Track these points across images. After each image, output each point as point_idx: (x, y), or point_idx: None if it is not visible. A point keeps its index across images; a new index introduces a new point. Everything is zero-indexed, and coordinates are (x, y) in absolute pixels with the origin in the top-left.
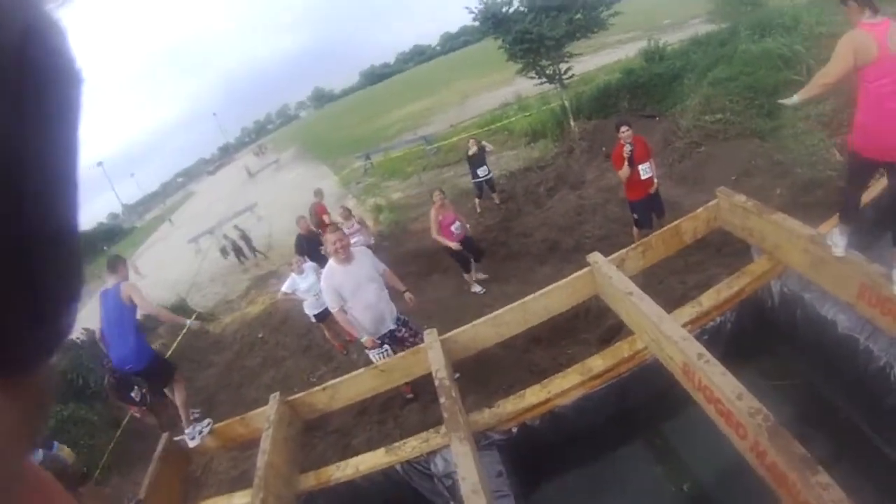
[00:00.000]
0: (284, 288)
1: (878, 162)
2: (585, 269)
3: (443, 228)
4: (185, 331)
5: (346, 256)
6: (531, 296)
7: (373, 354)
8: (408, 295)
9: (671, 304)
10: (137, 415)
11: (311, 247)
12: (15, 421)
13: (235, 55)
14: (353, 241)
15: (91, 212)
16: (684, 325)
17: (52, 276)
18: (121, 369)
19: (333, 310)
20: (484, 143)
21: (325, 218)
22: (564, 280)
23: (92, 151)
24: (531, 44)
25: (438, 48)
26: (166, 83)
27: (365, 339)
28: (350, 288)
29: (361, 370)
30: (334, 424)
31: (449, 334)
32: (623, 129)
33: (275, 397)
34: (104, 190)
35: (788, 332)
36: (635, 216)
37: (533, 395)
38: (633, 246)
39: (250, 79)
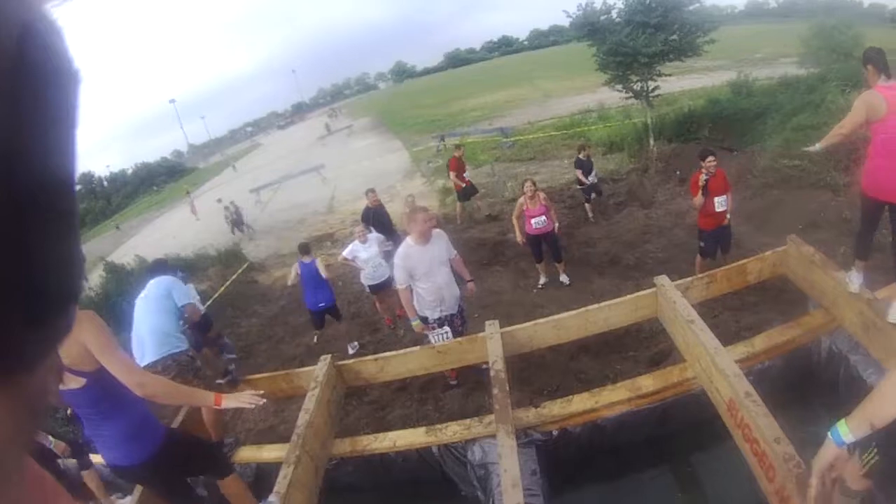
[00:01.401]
0: (345, 253)
1: (882, 201)
2: (650, 290)
3: (525, 218)
4: (235, 276)
5: (426, 238)
6: (595, 305)
7: (433, 336)
8: (471, 284)
9: (723, 340)
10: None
11: (376, 220)
12: (12, 421)
13: (321, 17)
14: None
15: (157, 146)
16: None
17: (51, 276)
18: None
19: (401, 286)
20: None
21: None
22: (628, 297)
23: (166, 88)
24: (625, 57)
25: (526, 43)
26: (250, 33)
27: (415, 324)
28: (423, 268)
29: (416, 348)
30: (372, 395)
31: (509, 328)
32: (710, 159)
33: (325, 359)
34: (173, 128)
35: (829, 388)
36: (702, 244)
37: (580, 402)
38: (699, 276)
39: (332, 43)
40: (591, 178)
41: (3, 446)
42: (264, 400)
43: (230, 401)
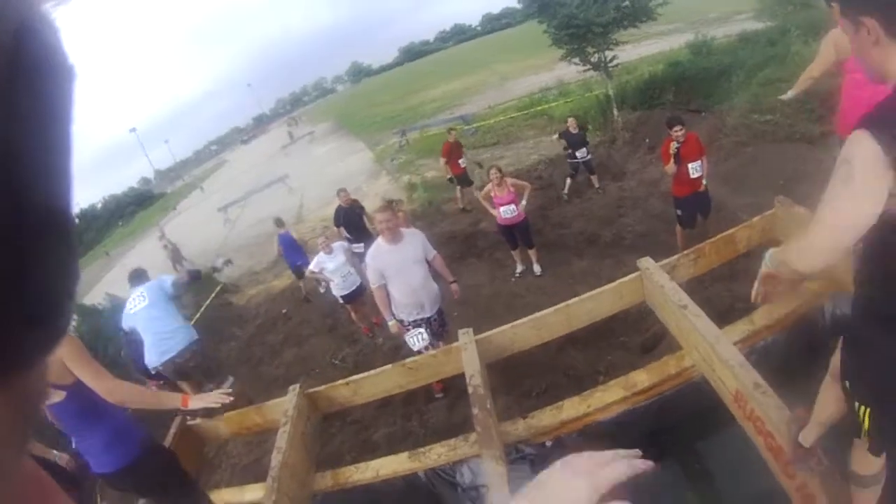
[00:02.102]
0: (312, 266)
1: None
2: (634, 275)
3: (495, 205)
4: (208, 301)
5: (392, 237)
6: (576, 298)
7: (409, 337)
8: (454, 286)
9: (719, 314)
10: (153, 387)
11: (349, 220)
12: (8, 420)
13: (272, 26)
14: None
15: (123, 177)
16: (735, 344)
17: (48, 274)
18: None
19: (373, 286)
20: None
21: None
22: (612, 285)
23: (125, 118)
24: (577, 29)
25: (479, 28)
26: (201, 52)
27: (391, 323)
28: (394, 268)
29: (388, 366)
30: (354, 415)
31: (485, 335)
32: (677, 128)
33: (294, 390)
34: (137, 156)
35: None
36: (679, 212)
37: (572, 408)
38: (685, 253)
39: (287, 51)
40: (581, 154)
41: (0, 445)
42: (231, 398)
43: (197, 401)
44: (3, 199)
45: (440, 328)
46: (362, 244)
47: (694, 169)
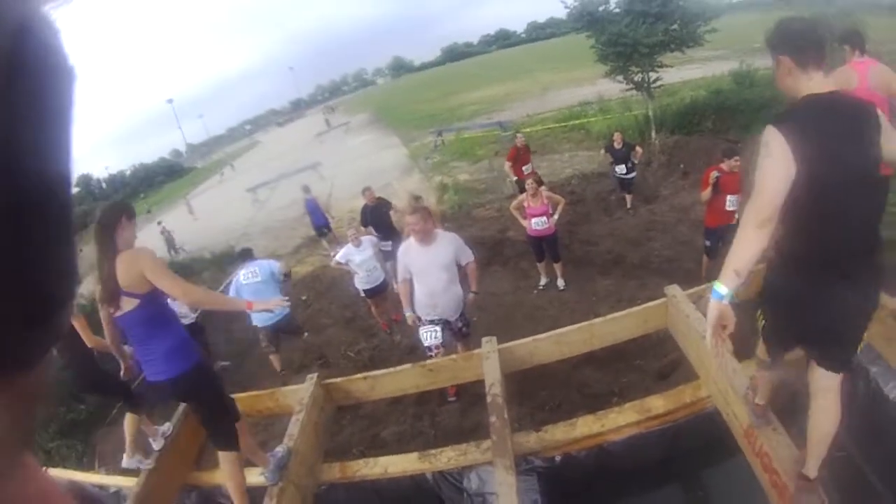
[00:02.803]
0: (338, 257)
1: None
2: (660, 301)
3: (526, 215)
4: (228, 280)
5: (423, 239)
6: (600, 319)
7: (423, 332)
8: (472, 297)
9: (739, 346)
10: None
11: (375, 218)
12: (9, 419)
13: (319, 12)
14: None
15: (155, 146)
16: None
17: (50, 275)
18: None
19: (399, 278)
20: (637, 148)
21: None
22: (637, 309)
23: (163, 88)
24: (624, 48)
25: (524, 35)
26: (246, 30)
27: (409, 315)
28: (418, 268)
29: (407, 365)
30: (366, 409)
31: (507, 345)
32: (735, 159)
33: (311, 378)
34: (171, 128)
35: (846, 402)
36: (707, 244)
37: (585, 426)
38: (712, 284)
39: (331, 39)
40: (620, 171)
41: (1, 444)
42: (289, 302)
43: (260, 304)
44: (5, 196)
45: (462, 331)
46: (390, 242)
47: (731, 202)
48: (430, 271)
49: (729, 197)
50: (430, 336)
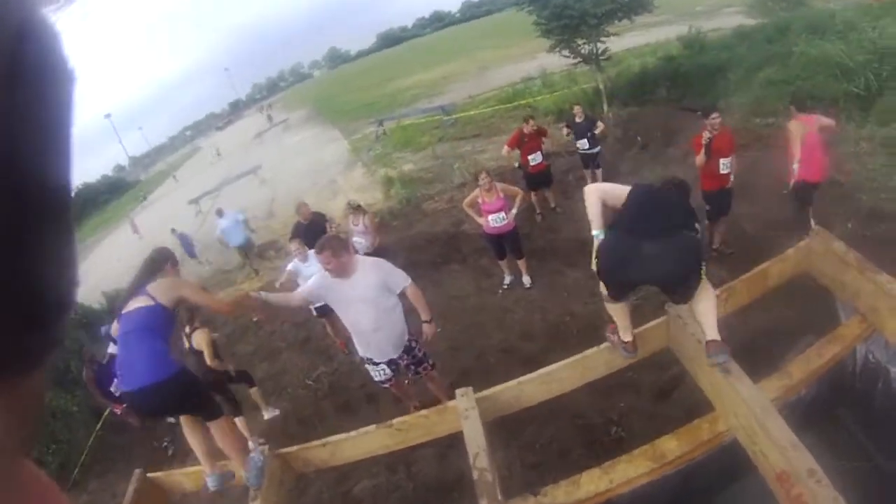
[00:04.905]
0: (289, 267)
1: (812, 182)
2: (659, 321)
3: (482, 212)
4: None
5: (338, 274)
6: (593, 349)
7: (369, 369)
8: (426, 327)
9: (740, 351)
10: (118, 411)
11: (311, 236)
12: (8, 424)
13: (249, 10)
14: (353, 240)
15: (97, 164)
16: (773, 401)
17: (51, 279)
18: None
19: (297, 294)
20: (599, 122)
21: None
22: (635, 333)
23: (99, 103)
24: (570, 20)
25: (458, 15)
26: (177, 36)
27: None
28: (338, 304)
29: (371, 427)
30: None
31: (487, 392)
32: (713, 115)
33: (263, 451)
34: (111, 142)
35: (864, 402)
36: (708, 208)
37: (591, 483)
38: (716, 292)
39: (265, 35)
40: (582, 145)
41: (1, 449)
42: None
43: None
44: (6, 199)
45: (416, 366)
46: None
47: (724, 165)
48: (352, 307)
49: (721, 160)
50: (377, 374)
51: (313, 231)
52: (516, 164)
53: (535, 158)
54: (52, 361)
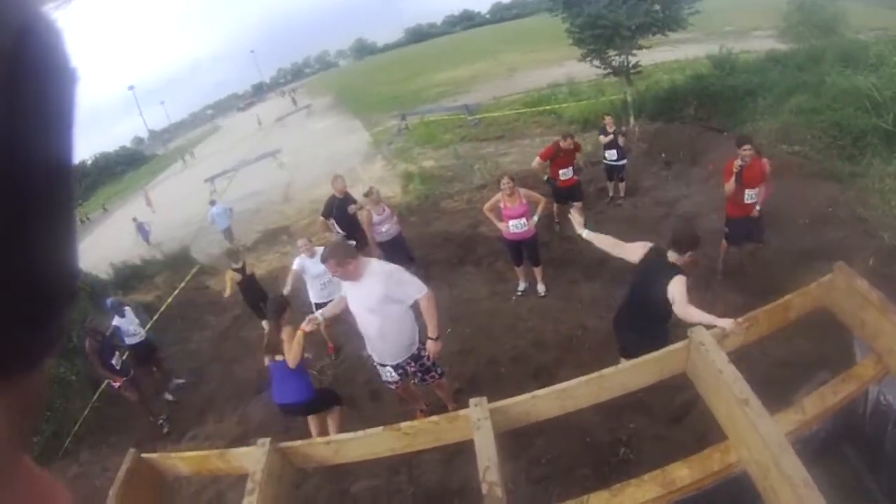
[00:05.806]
0: (295, 266)
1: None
2: (681, 345)
3: (503, 217)
4: (183, 283)
5: (347, 280)
6: (611, 369)
7: (379, 370)
8: (431, 344)
9: (756, 381)
10: (116, 384)
11: (340, 213)
12: (8, 421)
13: None
14: (382, 229)
15: (116, 135)
16: (787, 435)
17: (50, 276)
18: None
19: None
20: (624, 129)
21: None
22: (654, 356)
23: (124, 75)
24: (604, 30)
25: (488, 16)
26: (207, 14)
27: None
28: (350, 305)
29: (378, 429)
30: None
31: (500, 404)
32: (746, 147)
33: (264, 445)
34: (133, 114)
35: (874, 444)
36: (727, 230)
37: None
38: (738, 320)
39: (293, 20)
40: (610, 156)
41: (1, 448)
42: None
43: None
44: (5, 200)
45: (423, 373)
46: (354, 242)
47: (749, 195)
48: (357, 312)
49: (747, 191)
50: (385, 374)
51: (343, 210)
52: (545, 178)
53: (566, 173)
54: (51, 360)
